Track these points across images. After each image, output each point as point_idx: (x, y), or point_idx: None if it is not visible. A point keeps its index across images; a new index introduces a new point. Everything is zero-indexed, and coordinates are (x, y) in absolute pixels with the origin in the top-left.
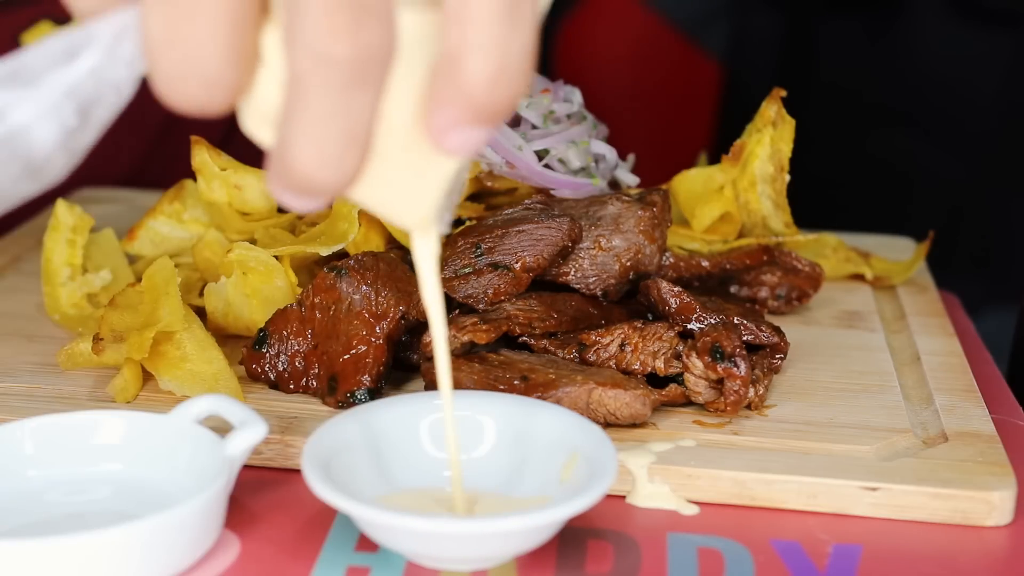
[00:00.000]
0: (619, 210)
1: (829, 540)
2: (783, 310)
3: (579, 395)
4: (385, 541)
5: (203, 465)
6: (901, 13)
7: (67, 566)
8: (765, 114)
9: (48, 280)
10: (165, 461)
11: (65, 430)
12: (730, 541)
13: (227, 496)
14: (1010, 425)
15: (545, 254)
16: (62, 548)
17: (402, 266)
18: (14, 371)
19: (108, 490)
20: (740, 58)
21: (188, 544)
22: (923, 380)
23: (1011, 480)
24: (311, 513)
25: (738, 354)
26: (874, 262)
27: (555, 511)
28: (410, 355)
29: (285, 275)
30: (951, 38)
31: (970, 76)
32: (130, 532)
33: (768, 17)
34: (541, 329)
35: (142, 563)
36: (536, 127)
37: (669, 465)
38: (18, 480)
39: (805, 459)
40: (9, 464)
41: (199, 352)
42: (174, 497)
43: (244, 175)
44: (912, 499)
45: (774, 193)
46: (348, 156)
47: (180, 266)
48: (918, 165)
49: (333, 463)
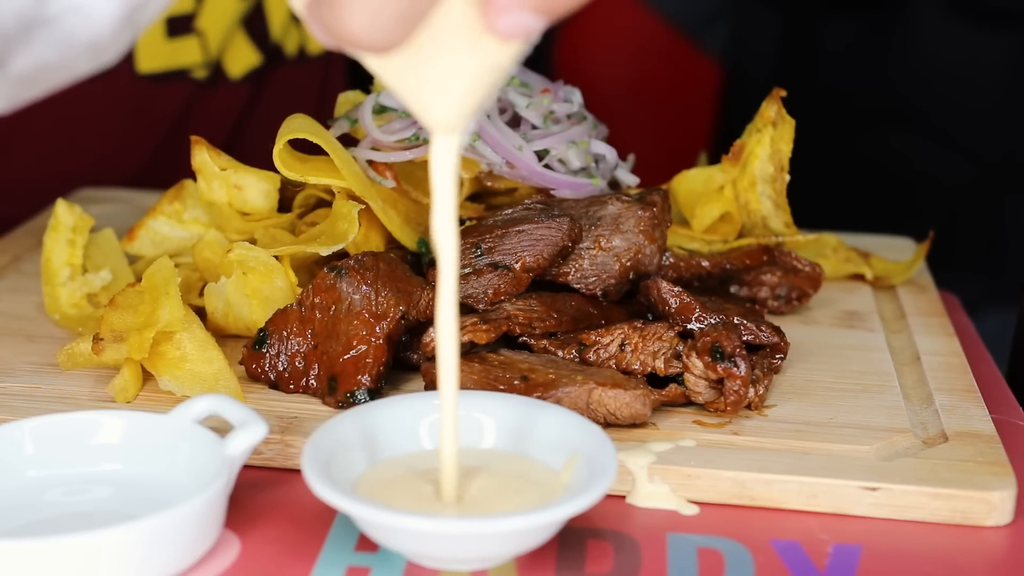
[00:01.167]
0: (619, 210)
1: (829, 540)
2: (783, 310)
3: (579, 395)
4: (385, 541)
5: (203, 465)
6: (901, 13)
7: (68, 566)
8: (765, 114)
9: (48, 280)
10: (165, 461)
11: (65, 430)
12: (730, 541)
13: (227, 496)
14: (1010, 425)
15: (545, 254)
16: (63, 548)
17: (402, 266)
18: (14, 371)
19: (108, 490)
20: (740, 58)
21: (188, 544)
22: (923, 380)
23: (1011, 480)
24: (311, 513)
25: (738, 354)
26: (874, 262)
27: (555, 511)
28: (410, 355)
29: (285, 275)
30: (951, 38)
31: (970, 76)
32: (130, 532)
33: (768, 17)
34: (541, 329)
35: (142, 563)
36: (536, 127)
37: (669, 465)
38: (18, 480)
39: (805, 459)
40: (9, 464)
41: (199, 352)
42: (174, 497)
43: (244, 175)
44: (912, 499)
45: (774, 193)
46: (400, 25)
47: (180, 266)
48: (918, 165)
49: (332, 463)
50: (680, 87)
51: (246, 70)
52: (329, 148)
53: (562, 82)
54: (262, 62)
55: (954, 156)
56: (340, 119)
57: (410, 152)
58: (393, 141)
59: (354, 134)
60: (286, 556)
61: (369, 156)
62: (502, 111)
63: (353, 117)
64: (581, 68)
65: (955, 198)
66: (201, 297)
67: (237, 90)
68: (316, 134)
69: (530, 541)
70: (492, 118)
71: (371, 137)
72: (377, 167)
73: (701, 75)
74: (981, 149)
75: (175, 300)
